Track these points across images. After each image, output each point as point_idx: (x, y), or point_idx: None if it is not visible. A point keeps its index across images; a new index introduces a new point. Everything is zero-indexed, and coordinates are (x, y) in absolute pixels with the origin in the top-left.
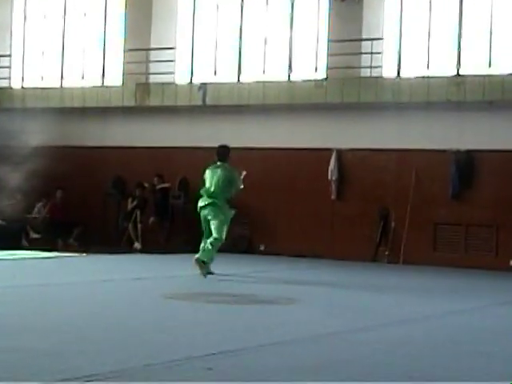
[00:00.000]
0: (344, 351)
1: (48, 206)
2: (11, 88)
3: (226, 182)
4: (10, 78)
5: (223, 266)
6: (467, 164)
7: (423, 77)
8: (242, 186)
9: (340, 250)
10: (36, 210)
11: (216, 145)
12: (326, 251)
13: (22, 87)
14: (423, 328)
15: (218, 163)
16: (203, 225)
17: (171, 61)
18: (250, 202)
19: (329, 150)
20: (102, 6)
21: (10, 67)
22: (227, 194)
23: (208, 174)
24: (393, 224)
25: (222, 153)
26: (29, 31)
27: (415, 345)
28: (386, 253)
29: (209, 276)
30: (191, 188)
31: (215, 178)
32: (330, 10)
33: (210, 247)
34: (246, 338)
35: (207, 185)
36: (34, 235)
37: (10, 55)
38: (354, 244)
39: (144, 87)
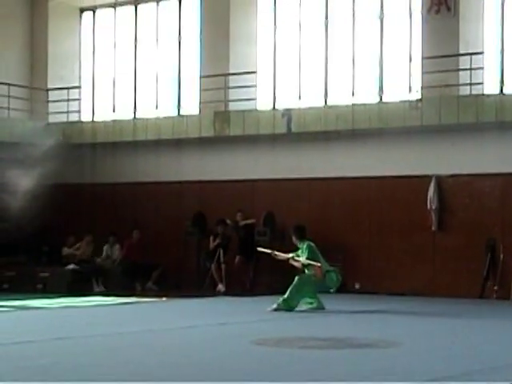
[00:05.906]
0: None
1: (124, 247)
2: (81, 122)
3: None
4: (79, 112)
5: None
6: None
7: None
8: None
9: (443, 286)
10: (105, 253)
11: (302, 176)
12: (427, 288)
13: (93, 121)
14: None
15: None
16: None
17: (252, 86)
18: (341, 238)
19: (427, 177)
20: (176, 31)
21: (79, 100)
22: None
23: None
24: (501, 256)
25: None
26: (98, 61)
27: None
28: (495, 288)
29: (300, 318)
30: (277, 223)
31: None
32: (423, 24)
33: None
34: None
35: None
36: (108, 280)
37: (79, 87)
38: (459, 279)
39: (223, 116)
